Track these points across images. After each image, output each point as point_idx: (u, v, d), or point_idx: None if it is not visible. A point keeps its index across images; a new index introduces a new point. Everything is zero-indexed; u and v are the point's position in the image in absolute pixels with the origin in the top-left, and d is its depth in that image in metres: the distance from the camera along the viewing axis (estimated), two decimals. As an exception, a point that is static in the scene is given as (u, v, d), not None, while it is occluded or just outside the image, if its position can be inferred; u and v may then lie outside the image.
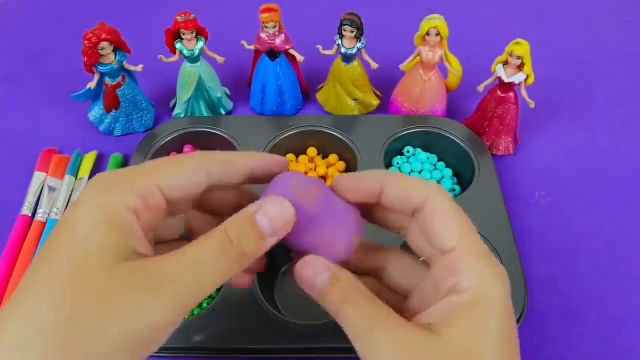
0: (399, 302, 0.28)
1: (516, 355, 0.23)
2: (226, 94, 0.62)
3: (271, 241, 0.25)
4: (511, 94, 0.54)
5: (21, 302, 0.21)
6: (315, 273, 0.25)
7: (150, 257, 0.23)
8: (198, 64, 0.57)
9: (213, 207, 0.29)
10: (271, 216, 0.25)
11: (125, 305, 0.21)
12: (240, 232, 0.24)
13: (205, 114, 0.60)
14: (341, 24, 0.53)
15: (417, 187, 0.26)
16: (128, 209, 0.23)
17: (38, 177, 0.54)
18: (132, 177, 0.24)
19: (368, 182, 0.27)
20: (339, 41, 0.55)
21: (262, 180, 0.28)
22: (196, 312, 0.45)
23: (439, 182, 0.54)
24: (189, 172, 0.25)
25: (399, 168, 0.55)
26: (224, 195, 0.29)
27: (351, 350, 0.42)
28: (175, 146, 0.56)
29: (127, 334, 0.21)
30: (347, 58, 0.56)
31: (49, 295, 0.20)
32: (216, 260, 0.23)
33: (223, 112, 0.61)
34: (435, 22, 0.52)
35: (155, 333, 0.22)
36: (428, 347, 0.22)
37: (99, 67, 0.53)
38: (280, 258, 0.48)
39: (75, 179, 0.54)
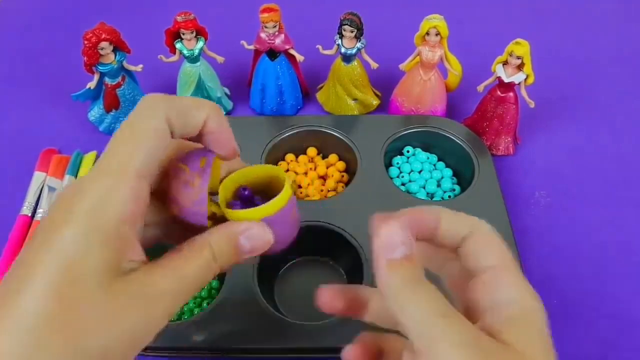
0: None
1: None
2: (226, 94, 0.62)
3: (244, 259, 0.26)
4: (511, 94, 0.54)
5: (18, 296, 0.21)
6: (397, 241, 0.24)
7: (143, 269, 0.23)
8: (198, 64, 0.57)
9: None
10: (254, 242, 0.26)
11: (117, 322, 0.22)
12: (223, 250, 0.25)
13: (205, 114, 0.59)
14: (341, 24, 0.53)
15: (466, 219, 0.27)
16: (121, 220, 0.23)
17: (38, 177, 0.54)
18: (114, 183, 0.23)
19: (426, 216, 0.27)
20: (339, 41, 0.55)
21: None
22: (196, 312, 0.45)
23: (439, 182, 0.54)
24: (155, 139, 0.24)
25: (399, 168, 0.55)
26: None
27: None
28: (175, 146, 0.56)
29: (113, 347, 0.22)
30: (347, 58, 0.56)
31: (40, 306, 0.21)
32: (202, 276, 0.25)
33: (223, 112, 0.61)
34: (435, 22, 0.52)
35: (142, 343, 0.23)
36: (490, 347, 0.22)
37: (99, 67, 0.53)
38: (280, 259, 0.49)
39: (75, 179, 0.54)
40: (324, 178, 0.55)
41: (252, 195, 0.28)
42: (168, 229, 0.28)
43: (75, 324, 0.21)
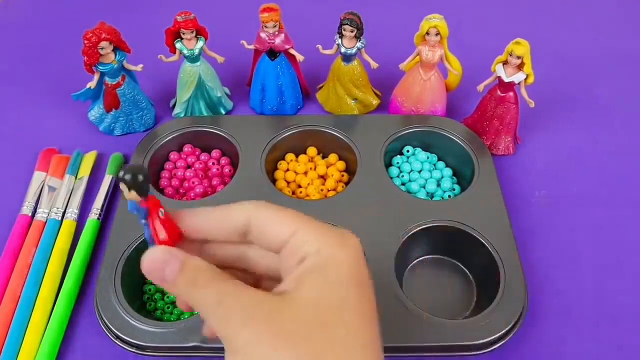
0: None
1: (369, 314, 0.25)
2: (226, 94, 0.62)
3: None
4: (511, 93, 0.54)
5: None
6: (164, 264, 0.25)
7: None
8: (198, 63, 0.57)
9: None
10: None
11: None
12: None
13: (205, 113, 0.60)
14: (341, 24, 0.53)
15: (237, 209, 0.27)
16: None
17: (38, 176, 0.54)
18: None
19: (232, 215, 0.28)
20: (339, 41, 0.55)
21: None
22: (196, 312, 0.45)
23: (438, 182, 0.54)
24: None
25: (399, 168, 0.55)
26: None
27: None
28: (176, 146, 0.56)
29: None
30: (347, 58, 0.56)
31: None
32: None
33: (223, 112, 0.61)
34: (435, 21, 0.52)
35: None
36: (277, 304, 0.24)
37: (99, 66, 0.53)
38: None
39: (75, 178, 0.54)
40: (324, 178, 0.55)
41: None
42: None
43: None
